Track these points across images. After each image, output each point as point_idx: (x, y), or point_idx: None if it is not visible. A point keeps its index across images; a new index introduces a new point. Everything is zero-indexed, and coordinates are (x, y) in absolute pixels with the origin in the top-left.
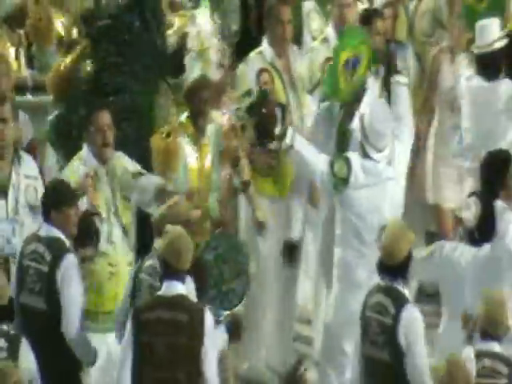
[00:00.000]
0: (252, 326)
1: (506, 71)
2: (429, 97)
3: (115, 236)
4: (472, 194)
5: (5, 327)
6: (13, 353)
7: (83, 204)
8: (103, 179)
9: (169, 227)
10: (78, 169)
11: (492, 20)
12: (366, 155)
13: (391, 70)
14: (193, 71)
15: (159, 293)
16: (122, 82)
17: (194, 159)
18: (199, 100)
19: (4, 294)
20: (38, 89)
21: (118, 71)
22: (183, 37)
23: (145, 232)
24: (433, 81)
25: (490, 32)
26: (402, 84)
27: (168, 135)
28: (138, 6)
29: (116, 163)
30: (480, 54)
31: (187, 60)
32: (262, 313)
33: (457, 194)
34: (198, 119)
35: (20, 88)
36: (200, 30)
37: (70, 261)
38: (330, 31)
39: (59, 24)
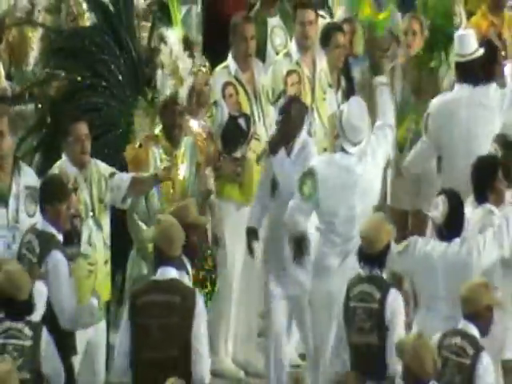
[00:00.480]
0: (220, 321)
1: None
2: None
3: (94, 238)
4: (441, 192)
5: (28, 316)
6: (37, 340)
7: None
8: (82, 185)
9: (161, 216)
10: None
11: (469, 31)
12: (342, 149)
13: (350, 81)
14: (165, 88)
15: (154, 278)
16: (100, 101)
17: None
18: (173, 114)
19: (25, 288)
20: (16, 99)
21: (95, 91)
22: (154, 52)
23: (120, 232)
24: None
25: (470, 42)
26: (385, 84)
27: (140, 146)
28: (111, 25)
29: (93, 169)
30: (463, 61)
31: (159, 76)
32: (229, 308)
33: None
34: (171, 131)
35: (0, 98)
36: (172, 49)
37: (56, 257)
38: (292, 46)
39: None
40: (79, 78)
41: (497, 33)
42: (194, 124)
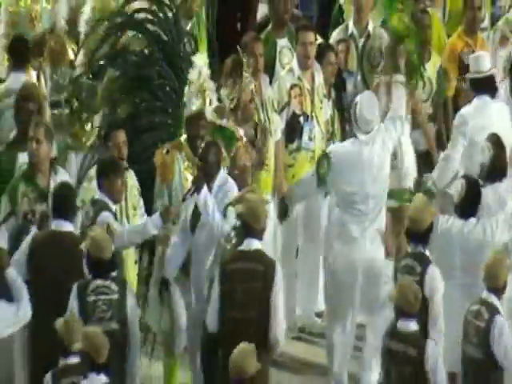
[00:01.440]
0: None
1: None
2: None
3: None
4: (463, 177)
5: (113, 273)
6: (123, 293)
7: None
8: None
9: (248, 195)
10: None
11: (484, 53)
12: (354, 136)
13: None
14: (191, 103)
15: (240, 248)
16: (157, 120)
17: (188, 173)
18: (196, 127)
19: (108, 248)
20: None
21: (154, 112)
22: None
23: None
24: None
25: (486, 62)
26: (400, 83)
27: (167, 152)
28: (165, 53)
29: (128, 175)
30: (481, 77)
31: (186, 92)
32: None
33: None
34: (194, 142)
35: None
36: (200, 72)
37: (105, 214)
38: (294, 63)
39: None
40: (139, 100)
41: (471, 51)
42: (241, 132)
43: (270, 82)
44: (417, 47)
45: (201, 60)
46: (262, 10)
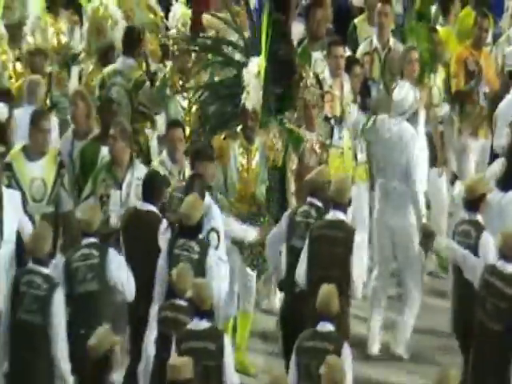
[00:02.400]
0: None
1: None
2: None
3: None
4: (504, 155)
5: (199, 236)
6: (203, 255)
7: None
8: (175, 175)
9: (336, 175)
10: (157, 168)
11: None
12: (391, 116)
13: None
14: (247, 100)
15: (326, 217)
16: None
17: (242, 158)
18: (246, 119)
19: (195, 216)
20: None
21: (237, 117)
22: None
23: None
24: None
25: None
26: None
27: (224, 138)
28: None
29: (184, 166)
30: None
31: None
32: None
33: None
34: (246, 131)
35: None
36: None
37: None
38: (326, 73)
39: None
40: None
41: (475, 60)
42: (312, 135)
43: None
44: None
45: (255, 62)
46: (300, 28)
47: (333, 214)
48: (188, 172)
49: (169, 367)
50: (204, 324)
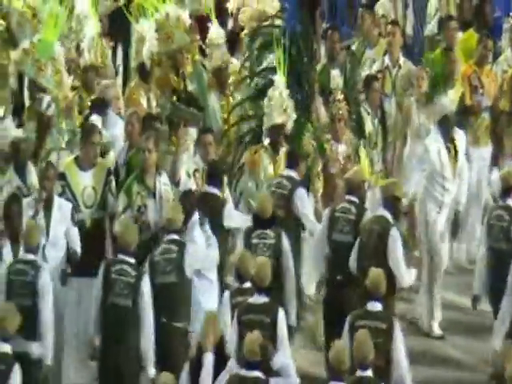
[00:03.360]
0: None
1: None
2: (403, 128)
3: None
4: None
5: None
6: (278, 239)
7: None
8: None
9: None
10: (189, 166)
11: None
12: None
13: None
14: (273, 117)
15: (375, 214)
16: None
17: (270, 168)
18: (276, 134)
19: (269, 210)
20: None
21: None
22: None
23: None
24: (406, 119)
25: None
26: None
27: (255, 152)
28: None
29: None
30: None
31: (266, 104)
32: None
33: None
34: (274, 145)
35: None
36: (281, 92)
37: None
38: None
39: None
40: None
41: (477, 76)
42: (337, 146)
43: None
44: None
45: (282, 81)
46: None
47: (381, 211)
48: None
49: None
50: (262, 299)
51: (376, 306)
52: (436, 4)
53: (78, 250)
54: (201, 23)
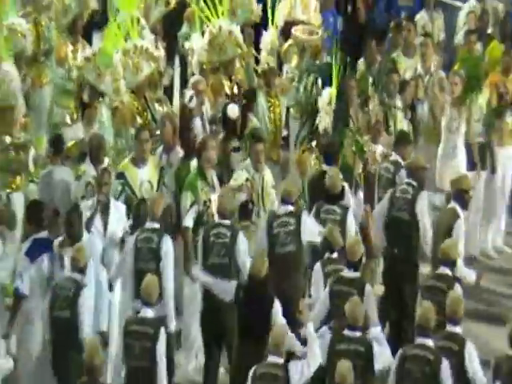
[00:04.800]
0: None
1: None
2: (436, 125)
3: (260, 215)
4: None
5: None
6: (344, 217)
7: (243, 195)
8: (257, 181)
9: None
10: (242, 173)
11: None
12: None
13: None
14: (321, 123)
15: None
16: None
17: (315, 166)
18: (320, 137)
19: (338, 185)
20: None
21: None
22: None
23: None
24: (437, 117)
25: None
26: None
27: (303, 152)
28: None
29: (265, 174)
30: None
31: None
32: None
33: None
34: (319, 146)
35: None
36: (324, 100)
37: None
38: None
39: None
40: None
41: (503, 84)
42: (375, 147)
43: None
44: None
45: (328, 95)
46: None
47: (452, 203)
48: (268, 177)
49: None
50: (353, 274)
51: (445, 270)
52: (464, 18)
53: None
54: (255, 30)
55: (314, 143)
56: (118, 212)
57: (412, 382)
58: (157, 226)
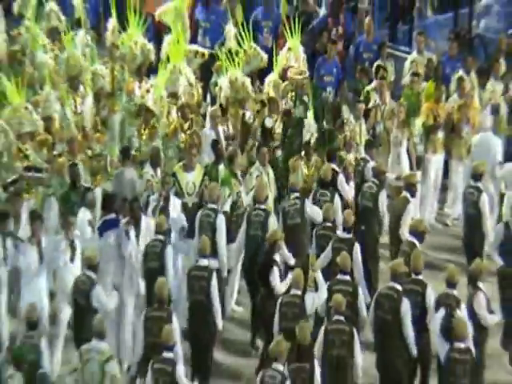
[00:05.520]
0: None
1: None
2: (388, 140)
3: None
4: None
5: None
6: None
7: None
8: (265, 176)
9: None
10: (254, 171)
11: None
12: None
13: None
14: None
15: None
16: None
17: (304, 169)
18: (308, 149)
19: (329, 175)
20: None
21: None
22: None
23: None
24: (389, 134)
25: None
26: None
27: (295, 160)
28: None
29: (269, 170)
30: None
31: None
32: None
33: None
34: (307, 155)
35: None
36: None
37: None
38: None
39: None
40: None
41: (436, 109)
42: (348, 156)
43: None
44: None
45: (311, 119)
46: None
47: (404, 193)
48: (271, 172)
49: None
50: (347, 235)
51: (396, 285)
52: (409, 65)
53: (185, 224)
54: (262, 72)
55: (303, 153)
56: (175, 204)
57: (382, 312)
58: (215, 206)
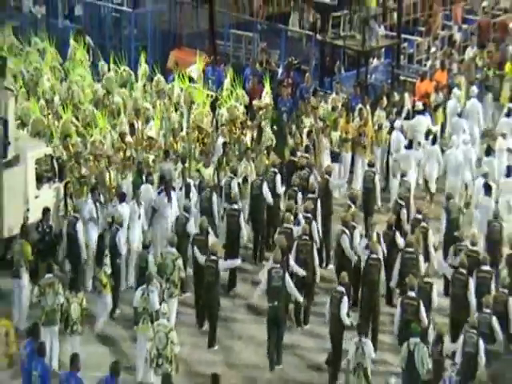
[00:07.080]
0: None
1: None
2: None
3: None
4: None
5: None
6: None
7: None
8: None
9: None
10: (242, 163)
11: None
12: None
13: None
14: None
15: None
16: None
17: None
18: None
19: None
20: None
21: None
22: None
23: None
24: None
25: None
26: None
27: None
28: None
29: (251, 163)
30: None
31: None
32: None
33: None
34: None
35: None
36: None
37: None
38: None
39: None
40: None
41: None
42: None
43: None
44: None
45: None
46: None
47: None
48: (252, 164)
49: None
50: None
51: (412, 294)
52: (330, 101)
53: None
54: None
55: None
56: (193, 192)
57: (408, 315)
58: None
